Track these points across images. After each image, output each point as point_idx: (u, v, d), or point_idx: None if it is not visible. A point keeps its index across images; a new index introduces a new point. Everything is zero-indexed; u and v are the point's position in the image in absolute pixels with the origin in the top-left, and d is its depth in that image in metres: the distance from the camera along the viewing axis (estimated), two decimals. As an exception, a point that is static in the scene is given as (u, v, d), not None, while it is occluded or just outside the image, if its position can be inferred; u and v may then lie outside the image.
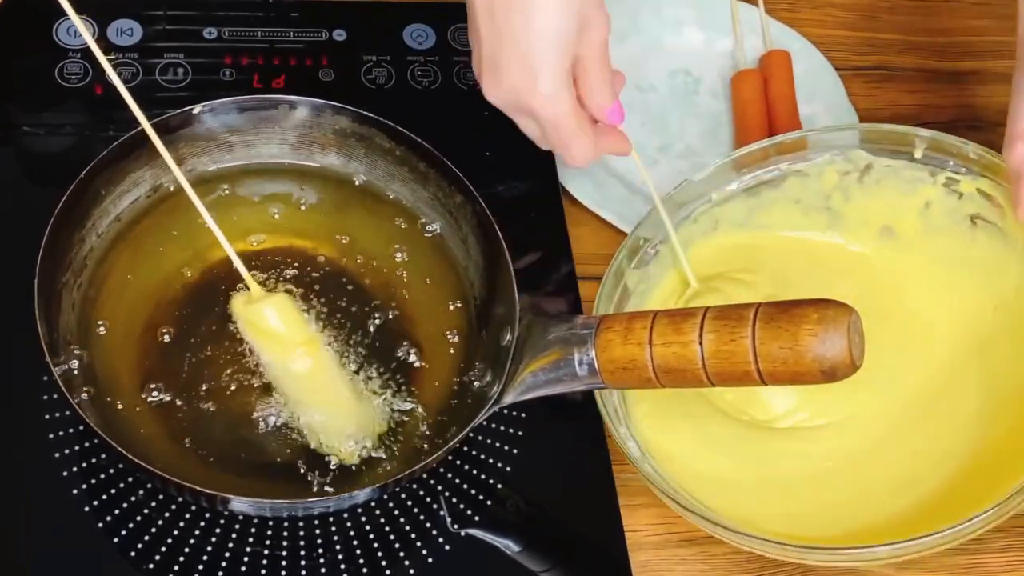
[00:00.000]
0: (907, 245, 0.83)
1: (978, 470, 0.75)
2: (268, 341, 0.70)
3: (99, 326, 0.72)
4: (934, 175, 0.80)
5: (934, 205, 0.81)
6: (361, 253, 0.78)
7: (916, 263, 0.83)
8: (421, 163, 0.78)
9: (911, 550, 0.69)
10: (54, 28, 0.89)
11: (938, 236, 0.82)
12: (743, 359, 0.61)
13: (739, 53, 1.00)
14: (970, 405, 0.78)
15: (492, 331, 0.74)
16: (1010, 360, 0.78)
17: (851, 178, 0.82)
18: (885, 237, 0.83)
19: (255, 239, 0.77)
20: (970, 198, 0.80)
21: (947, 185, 0.80)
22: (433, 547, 0.72)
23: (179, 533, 0.69)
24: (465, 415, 0.71)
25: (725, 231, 0.83)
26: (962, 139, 0.81)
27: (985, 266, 0.80)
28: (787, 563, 0.76)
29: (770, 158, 0.82)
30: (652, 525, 0.76)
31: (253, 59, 0.91)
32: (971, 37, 1.08)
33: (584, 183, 0.90)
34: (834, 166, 0.82)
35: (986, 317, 0.80)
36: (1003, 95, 1.05)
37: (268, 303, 0.70)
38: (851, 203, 0.83)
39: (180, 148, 0.76)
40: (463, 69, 0.93)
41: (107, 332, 0.72)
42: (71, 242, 0.72)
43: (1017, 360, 0.77)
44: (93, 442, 0.71)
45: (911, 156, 0.81)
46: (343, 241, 0.78)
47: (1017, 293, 0.79)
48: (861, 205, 0.83)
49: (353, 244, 0.78)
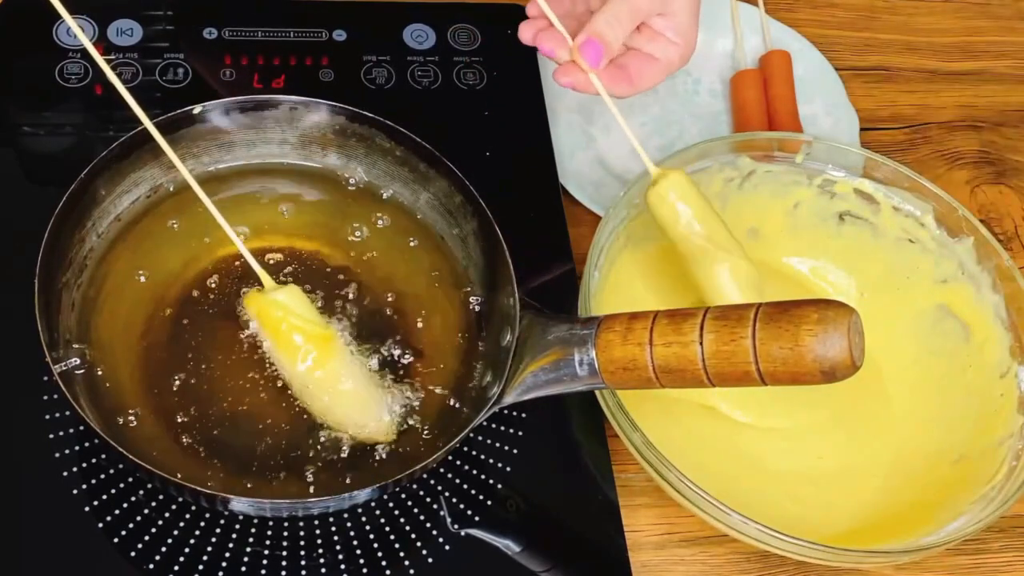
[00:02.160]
0: (771, 244, 0.87)
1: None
2: (288, 331, 0.70)
3: (99, 326, 0.72)
4: (811, 178, 0.85)
5: (803, 205, 0.86)
6: (360, 253, 0.78)
7: (776, 258, 0.87)
8: (421, 163, 0.78)
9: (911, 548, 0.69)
10: (54, 28, 0.89)
11: (802, 233, 0.86)
12: (743, 359, 0.61)
13: (739, 53, 1.00)
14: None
15: (492, 331, 0.74)
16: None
17: (733, 185, 0.84)
18: (751, 238, 0.86)
19: (255, 239, 0.77)
20: (843, 197, 0.85)
21: (822, 187, 0.85)
22: (433, 547, 0.72)
23: (179, 533, 0.69)
24: (465, 415, 0.71)
25: (632, 248, 0.83)
26: (849, 143, 0.86)
27: (848, 257, 0.86)
28: (787, 563, 0.76)
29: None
30: (652, 525, 0.76)
31: (253, 59, 0.91)
32: (971, 37, 1.08)
33: (584, 183, 0.90)
34: (722, 173, 0.84)
35: (853, 301, 0.84)
36: (1003, 95, 1.06)
37: (284, 291, 0.70)
38: (727, 209, 0.84)
39: (180, 148, 0.76)
40: (463, 69, 0.93)
41: (107, 332, 0.72)
42: (71, 242, 0.72)
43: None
44: (93, 442, 0.71)
45: (792, 161, 0.84)
46: (342, 241, 0.78)
47: (881, 279, 0.86)
48: (735, 210, 0.85)
49: (353, 244, 0.78)
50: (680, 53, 0.78)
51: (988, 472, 0.74)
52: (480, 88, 0.93)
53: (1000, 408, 0.77)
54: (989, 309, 0.80)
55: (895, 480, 0.78)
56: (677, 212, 0.77)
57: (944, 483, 0.76)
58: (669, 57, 0.78)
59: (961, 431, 0.78)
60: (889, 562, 0.72)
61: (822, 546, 0.68)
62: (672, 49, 0.78)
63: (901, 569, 0.77)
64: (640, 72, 0.78)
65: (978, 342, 0.80)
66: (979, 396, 0.79)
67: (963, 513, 0.72)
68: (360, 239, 0.79)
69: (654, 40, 0.78)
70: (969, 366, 0.80)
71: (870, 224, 0.85)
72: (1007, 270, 0.79)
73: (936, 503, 0.75)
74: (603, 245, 0.77)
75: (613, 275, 0.80)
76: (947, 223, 0.82)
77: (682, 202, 0.77)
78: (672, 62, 0.79)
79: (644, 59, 0.78)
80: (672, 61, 0.79)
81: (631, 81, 0.78)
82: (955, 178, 0.98)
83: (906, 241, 0.84)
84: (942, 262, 0.82)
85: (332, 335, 0.71)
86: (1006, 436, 0.76)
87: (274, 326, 0.70)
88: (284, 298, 0.69)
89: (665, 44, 0.78)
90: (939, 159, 0.99)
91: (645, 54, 0.78)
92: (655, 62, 0.78)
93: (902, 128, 1.01)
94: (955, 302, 0.82)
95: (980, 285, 0.81)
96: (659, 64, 0.79)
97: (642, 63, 0.78)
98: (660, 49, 0.78)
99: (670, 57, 0.78)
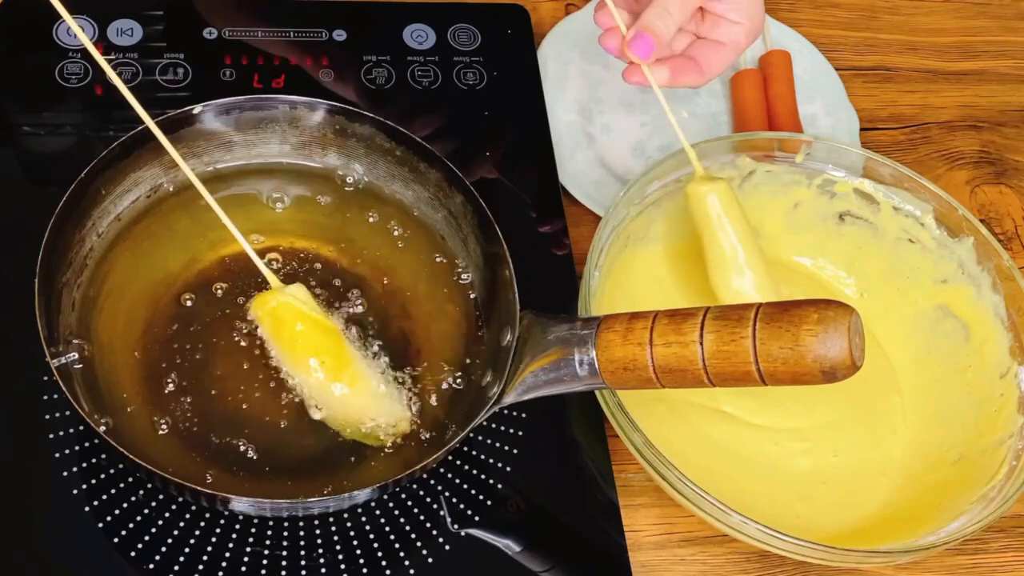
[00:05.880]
0: (771, 243, 0.86)
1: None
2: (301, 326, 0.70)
3: (99, 325, 0.72)
4: (811, 178, 0.85)
5: (803, 205, 0.86)
6: (361, 253, 0.78)
7: (786, 256, 0.88)
8: (421, 163, 0.78)
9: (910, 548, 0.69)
10: (54, 28, 0.89)
11: (802, 233, 0.86)
12: (743, 359, 0.61)
13: (739, 53, 1.00)
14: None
15: (492, 331, 0.74)
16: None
17: (733, 185, 0.84)
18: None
19: (255, 239, 0.77)
20: (843, 197, 0.85)
21: (822, 187, 0.85)
22: (433, 547, 0.72)
23: (179, 533, 0.69)
24: (465, 415, 0.71)
25: (632, 248, 0.84)
26: (849, 143, 0.86)
27: (848, 257, 0.87)
28: (787, 563, 0.76)
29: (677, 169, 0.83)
30: (652, 525, 0.76)
31: (253, 59, 0.91)
32: (971, 37, 1.08)
33: (584, 183, 0.90)
34: (722, 173, 0.83)
35: (853, 301, 0.84)
36: (1003, 95, 1.06)
37: (294, 288, 0.71)
38: None
39: (180, 148, 0.75)
40: (463, 69, 0.93)
41: (107, 331, 0.72)
42: (71, 242, 0.72)
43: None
44: (93, 442, 0.71)
45: (792, 161, 0.84)
46: (343, 241, 0.78)
47: (881, 279, 0.86)
48: None
49: (353, 244, 0.78)
50: (746, 32, 0.79)
51: (988, 472, 0.74)
52: (480, 88, 0.93)
53: (1000, 408, 0.77)
54: (989, 309, 0.80)
55: (899, 479, 0.79)
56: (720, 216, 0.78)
57: (944, 483, 0.76)
58: (734, 39, 0.79)
59: (961, 431, 0.78)
60: (889, 562, 0.72)
61: (822, 546, 0.68)
62: (736, 30, 0.78)
63: (901, 569, 0.77)
64: (708, 59, 0.79)
65: (978, 342, 0.80)
66: (979, 396, 0.79)
67: (963, 513, 0.72)
68: (360, 239, 0.79)
69: (717, 25, 0.79)
70: (969, 366, 0.80)
71: (870, 224, 0.85)
72: (1007, 270, 0.79)
73: (936, 503, 0.75)
74: (603, 245, 0.77)
75: (613, 275, 0.80)
76: (947, 223, 0.82)
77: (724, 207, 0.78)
78: (739, 43, 0.79)
79: (710, 46, 0.79)
80: (739, 42, 0.79)
81: (700, 71, 0.79)
82: (955, 178, 0.98)
83: (906, 241, 0.84)
84: (942, 262, 0.83)
85: (340, 332, 0.72)
86: (1006, 436, 0.76)
87: (287, 322, 0.70)
88: (295, 293, 0.70)
89: (728, 27, 0.78)
90: (939, 159, 0.99)
91: (712, 41, 0.79)
92: (721, 47, 0.79)
93: (902, 128, 1.01)
94: (955, 302, 0.82)
95: (980, 285, 0.81)
96: (726, 48, 0.79)
97: (709, 50, 0.79)
98: (724, 33, 0.78)
99: (735, 39, 0.79)
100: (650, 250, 0.84)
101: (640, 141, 0.95)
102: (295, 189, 0.80)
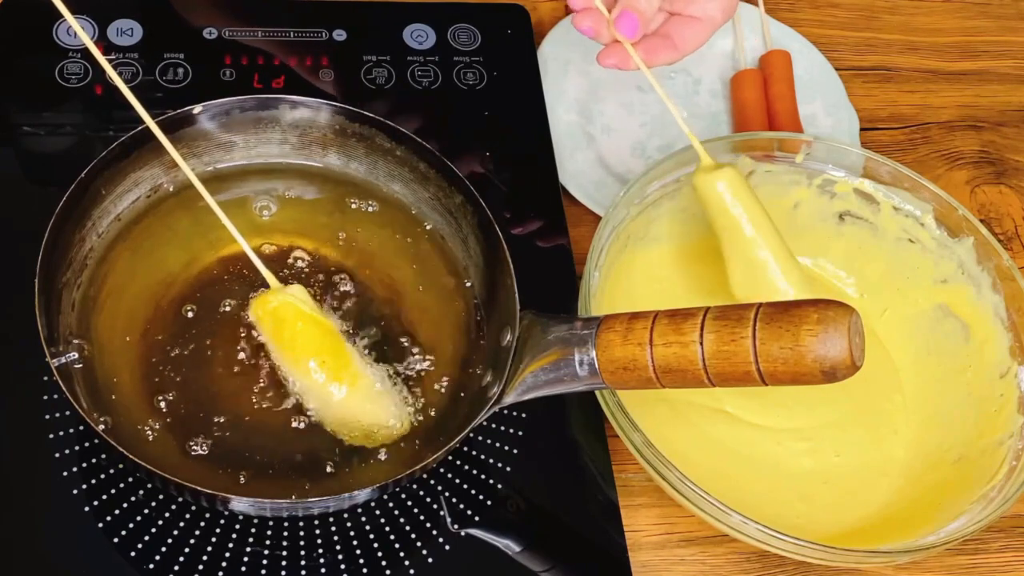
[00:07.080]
0: None
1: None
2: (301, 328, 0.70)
3: (99, 325, 0.72)
4: (811, 178, 0.85)
5: (803, 205, 0.86)
6: (361, 253, 0.78)
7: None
8: (421, 163, 0.78)
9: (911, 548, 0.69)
10: (54, 28, 0.89)
11: (802, 233, 0.86)
12: (744, 359, 0.61)
13: (739, 53, 1.00)
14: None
15: (492, 331, 0.74)
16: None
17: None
18: None
19: (255, 239, 0.77)
20: (843, 197, 0.85)
21: (822, 187, 0.85)
22: (433, 547, 0.72)
23: (179, 533, 0.69)
24: (465, 415, 0.71)
25: (632, 248, 0.84)
26: (849, 143, 0.86)
27: (848, 257, 0.87)
28: (787, 563, 0.76)
29: (677, 169, 0.83)
30: (652, 525, 0.76)
31: (253, 59, 0.91)
32: (971, 37, 1.08)
33: (584, 183, 0.90)
34: None
35: (853, 301, 0.84)
36: (1003, 95, 1.06)
37: (293, 289, 0.71)
38: None
39: (181, 148, 0.75)
40: (463, 69, 0.93)
41: (107, 331, 0.72)
42: (71, 242, 0.72)
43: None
44: (93, 442, 0.71)
45: (792, 161, 0.84)
46: (343, 241, 0.78)
47: (881, 279, 0.86)
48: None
49: (353, 244, 0.78)
50: (721, 8, 0.78)
51: (988, 472, 0.74)
52: (480, 88, 0.93)
53: (1000, 408, 0.77)
54: (989, 309, 0.80)
55: (899, 479, 0.79)
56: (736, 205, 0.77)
57: (944, 483, 0.76)
58: (710, 14, 0.78)
59: (961, 431, 0.78)
60: (889, 562, 0.72)
61: (822, 546, 0.68)
62: (711, 5, 0.78)
63: (901, 569, 0.77)
64: (683, 36, 0.78)
65: (978, 342, 0.80)
66: (979, 396, 0.79)
67: (963, 513, 0.72)
68: (360, 239, 0.79)
69: (692, 1, 0.78)
70: (969, 366, 0.80)
71: (870, 224, 0.85)
72: (1007, 270, 0.79)
73: (936, 503, 0.75)
74: (603, 245, 0.77)
75: (613, 275, 0.80)
76: (947, 223, 0.82)
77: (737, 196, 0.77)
78: (714, 18, 0.78)
79: (685, 21, 0.78)
80: (714, 17, 0.78)
81: (675, 47, 0.78)
82: (955, 178, 0.98)
83: (906, 241, 0.84)
84: (942, 262, 0.83)
85: (339, 332, 0.72)
86: (1006, 436, 0.76)
87: (287, 322, 0.70)
88: (295, 293, 0.70)
89: (703, 2, 0.78)
90: (939, 159, 0.99)
91: (686, 16, 0.78)
92: (696, 22, 0.78)
93: (902, 128, 1.01)
94: (955, 302, 0.82)
95: (980, 285, 0.81)
96: (701, 23, 0.78)
97: (684, 26, 0.78)
98: (699, 8, 0.78)
99: (711, 14, 0.78)
100: (650, 250, 0.84)
101: (640, 141, 0.95)
102: (295, 189, 0.80)
